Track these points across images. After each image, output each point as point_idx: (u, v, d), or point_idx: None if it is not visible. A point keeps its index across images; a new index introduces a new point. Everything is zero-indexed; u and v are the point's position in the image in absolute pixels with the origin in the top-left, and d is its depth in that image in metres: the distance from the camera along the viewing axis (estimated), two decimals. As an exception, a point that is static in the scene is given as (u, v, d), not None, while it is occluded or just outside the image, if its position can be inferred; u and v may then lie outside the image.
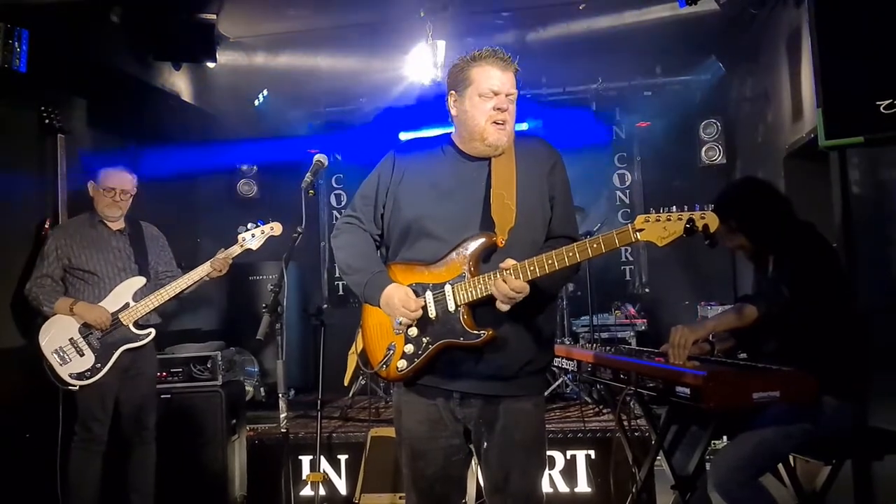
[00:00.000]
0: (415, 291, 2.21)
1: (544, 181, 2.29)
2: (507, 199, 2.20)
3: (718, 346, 2.99)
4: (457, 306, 2.17)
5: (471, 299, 2.15)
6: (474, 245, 2.18)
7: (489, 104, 2.22)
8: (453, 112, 2.33)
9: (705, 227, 1.97)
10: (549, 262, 2.07)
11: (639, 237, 2.01)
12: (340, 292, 7.71)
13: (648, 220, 2.00)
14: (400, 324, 2.20)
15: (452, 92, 2.31)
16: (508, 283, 2.06)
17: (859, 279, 3.52)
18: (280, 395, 2.90)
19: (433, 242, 2.24)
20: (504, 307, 2.10)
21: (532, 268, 2.07)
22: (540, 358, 2.28)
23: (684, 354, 2.62)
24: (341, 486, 4.40)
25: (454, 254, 2.20)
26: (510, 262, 2.08)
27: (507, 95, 2.24)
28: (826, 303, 2.73)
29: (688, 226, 1.96)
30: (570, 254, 2.06)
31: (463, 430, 2.29)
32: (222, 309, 6.66)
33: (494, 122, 2.23)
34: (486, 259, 2.20)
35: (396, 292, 2.20)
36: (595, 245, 2.04)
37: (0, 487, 3.76)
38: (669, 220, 1.98)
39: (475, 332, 2.15)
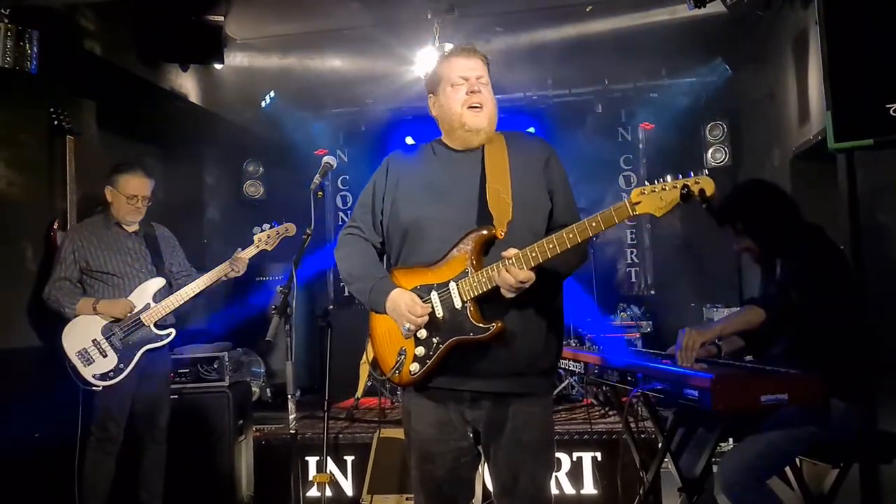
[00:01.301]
0: (419, 294, 2.22)
1: (540, 174, 2.31)
2: (503, 194, 2.22)
3: (725, 347, 2.99)
4: (463, 303, 2.17)
5: (476, 293, 2.15)
6: (474, 240, 2.19)
7: (461, 91, 2.30)
8: (434, 113, 2.41)
9: (701, 191, 1.97)
10: (550, 246, 2.07)
11: (636, 210, 2.02)
12: (346, 293, 7.73)
13: (644, 193, 2.01)
14: (408, 329, 2.20)
15: (430, 95, 2.41)
16: (513, 274, 2.07)
17: (867, 281, 3.51)
18: (289, 395, 2.90)
19: (433, 243, 2.25)
20: (510, 295, 2.11)
21: (534, 254, 2.08)
22: (549, 351, 2.28)
23: (692, 357, 2.63)
24: (348, 487, 4.41)
25: (455, 251, 2.21)
26: (512, 250, 2.09)
27: (477, 79, 2.30)
28: (834, 305, 2.73)
29: (683, 192, 1.97)
30: (570, 235, 2.07)
31: (472, 431, 2.29)
32: (229, 310, 6.67)
33: (470, 107, 2.28)
34: (486, 253, 2.21)
35: (402, 298, 2.20)
36: (594, 223, 2.05)
37: (17, 486, 3.78)
38: (665, 189, 1.99)
39: (484, 325, 2.15)
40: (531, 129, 7.07)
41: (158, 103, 5.47)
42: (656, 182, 2.01)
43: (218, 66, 5.68)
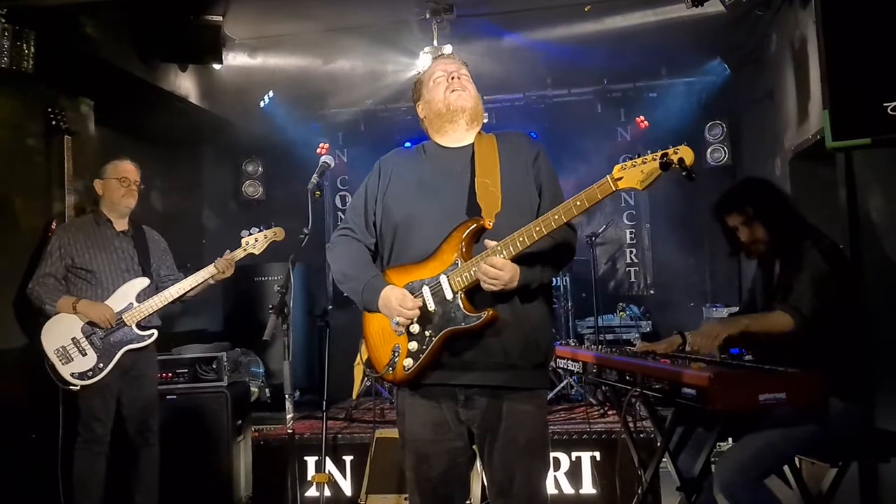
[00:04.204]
0: (411, 290, 2.22)
1: (529, 170, 2.33)
2: (492, 187, 2.23)
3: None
4: (454, 293, 2.17)
5: (467, 284, 2.16)
6: (463, 231, 2.20)
7: (443, 82, 2.38)
8: (422, 115, 2.46)
9: (681, 160, 1.97)
10: (537, 228, 2.09)
11: (618, 185, 2.03)
12: (345, 294, 7.71)
13: (625, 168, 2.03)
14: (398, 324, 2.20)
15: (417, 102, 2.48)
16: (488, 262, 2.08)
17: (866, 281, 3.51)
18: (286, 395, 2.90)
19: (424, 239, 2.26)
20: (490, 288, 2.11)
21: (521, 238, 2.09)
22: (542, 343, 2.27)
23: (714, 345, 2.63)
24: (346, 487, 4.41)
25: (445, 244, 2.22)
26: (492, 242, 2.12)
27: (457, 70, 2.39)
28: (833, 304, 2.72)
29: (663, 160, 1.97)
30: (556, 216, 2.08)
31: (467, 431, 2.29)
32: (228, 310, 6.67)
33: (453, 90, 2.35)
34: (477, 244, 2.21)
35: (393, 293, 2.21)
36: (578, 202, 2.06)
37: (3, 488, 3.77)
38: (645, 162, 2.01)
39: (475, 314, 2.15)
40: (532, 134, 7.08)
41: (157, 103, 5.47)
42: (636, 157, 2.03)
43: (216, 67, 5.68)
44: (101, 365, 3.61)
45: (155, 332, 3.79)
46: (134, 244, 3.88)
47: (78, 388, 3.57)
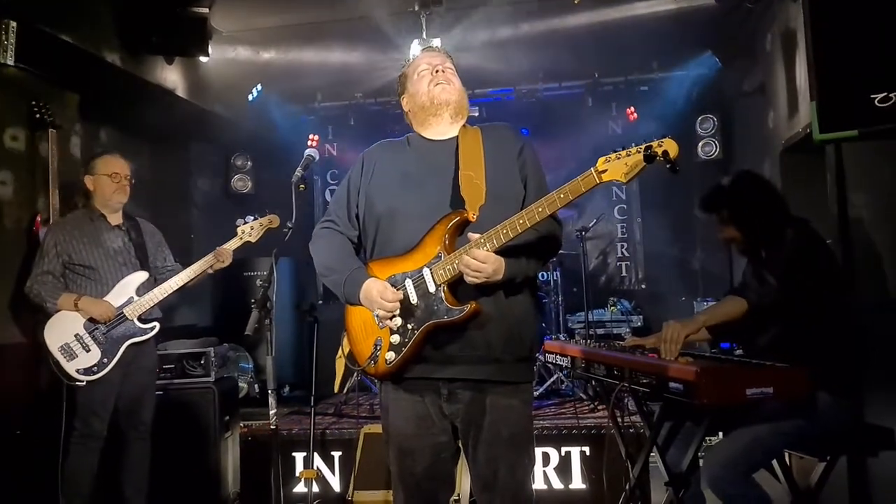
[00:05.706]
0: (394, 283, 2.20)
1: (514, 162, 2.31)
2: (476, 179, 2.22)
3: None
4: (437, 286, 2.15)
5: (450, 276, 2.14)
6: (446, 224, 2.18)
7: (427, 75, 2.37)
8: (407, 108, 2.45)
9: (665, 153, 1.95)
10: (521, 220, 2.06)
11: (603, 178, 2.01)
12: (328, 286, 7.67)
13: (609, 160, 2.01)
14: (379, 317, 2.18)
15: (402, 95, 2.47)
16: (470, 254, 2.06)
17: (856, 275, 3.50)
18: (270, 391, 2.88)
19: (407, 232, 2.24)
20: (473, 280, 2.09)
21: (504, 230, 2.07)
22: (526, 336, 2.25)
23: (676, 350, 2.61)
24: (335, 482, 4.38)
25: (428, 237, 2.20)
26: (475, 235, 2.10)
27: (441, 64, 2.37)
28: (819, 297, 2.71)
29: (647, 153, 1.95)
30: (540, 209, 2.05)
31: (451, 426, 2.27)
32: (217, 305, 6.62)
33: (437, 83, 2.34)
34: (461, 237, 2.19)
35: (374, 285, 2.20)
36: (562, 195, 2.04)
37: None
38: (629, 154, 1.99)
39: (458, 307, 2.13)
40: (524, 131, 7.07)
41: (143, 96, 5.41)
42: (621, 149, 2.00)
43: (203, 59, 5.62)
44: (106, 360, 3.60)
45: (157, 324, 3.79)
46: (130, 237, 3.86)
47: (84, 383, 3.55)
